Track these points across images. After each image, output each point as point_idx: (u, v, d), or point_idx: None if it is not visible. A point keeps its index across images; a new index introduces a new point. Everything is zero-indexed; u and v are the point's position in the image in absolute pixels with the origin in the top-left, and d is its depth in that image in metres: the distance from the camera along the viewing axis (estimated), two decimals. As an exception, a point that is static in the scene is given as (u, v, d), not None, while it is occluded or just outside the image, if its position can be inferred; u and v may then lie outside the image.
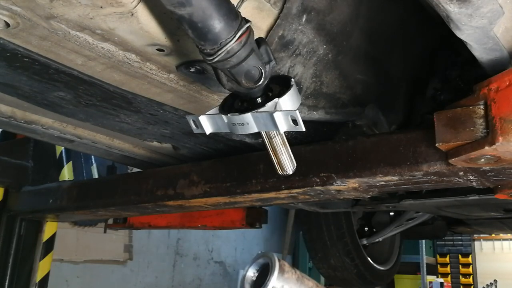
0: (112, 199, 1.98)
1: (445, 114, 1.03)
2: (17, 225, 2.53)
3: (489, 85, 0.95)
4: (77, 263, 4.72)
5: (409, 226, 3.46)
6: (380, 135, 1.40)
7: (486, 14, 0.82)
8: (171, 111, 1.43)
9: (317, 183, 1.37)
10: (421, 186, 1.30)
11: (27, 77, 1.24)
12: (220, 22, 0.77)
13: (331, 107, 1.40)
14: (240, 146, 1.67)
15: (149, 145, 1.86)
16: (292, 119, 0.88)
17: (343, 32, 1.19)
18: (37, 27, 0.97)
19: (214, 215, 2.75)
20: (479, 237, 9.69)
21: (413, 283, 8.63)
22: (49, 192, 2.30)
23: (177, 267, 6.13)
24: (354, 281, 3.37)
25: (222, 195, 1.60)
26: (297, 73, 1.20)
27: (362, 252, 3.34)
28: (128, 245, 5.37)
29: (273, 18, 1.03)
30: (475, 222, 3.67)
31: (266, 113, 0.90)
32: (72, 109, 1.48)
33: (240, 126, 0.93)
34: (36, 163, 2.67)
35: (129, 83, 1.25)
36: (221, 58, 0.82)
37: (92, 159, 3.52)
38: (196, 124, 1.00)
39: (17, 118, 1.63)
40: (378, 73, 1.48)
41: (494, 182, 1.22)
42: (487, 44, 0.94)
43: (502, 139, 0.90)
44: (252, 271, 0.88)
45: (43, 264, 2.62)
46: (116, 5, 0.87)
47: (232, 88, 0.92)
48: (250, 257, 6.00)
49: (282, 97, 0.93)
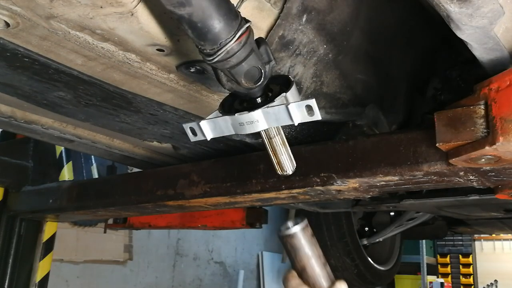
0: (112, 199, 1.97)
1: (445, 114, 1.03)
2: (17, 225, 2.53)
3: (489, 85, 0.95)
4: (77, 263, 4.72)
5: (410, 226, 3.46)
6: (380, 135, 1.39)
7: (487, 14, 0.82)
8: (171, 111, 1.43)
9: (317, 183, 1.37)
10: (421, 186, 1.30)
11: (27, 77, 1.24)
12: (220, 22, 0.77)
13: (331, 107, 1.40)
14: (240, 146, 1.67)
15: (149, 145, 1.86)
16: (307, 109, 0.87)
17: (344, 32, 1.19)
18: (37, 27, 0.97)
19: (214, 215, 2.74)
20: (479, 237, 9.68)
21: (414, 283, 8.63)
22: (49, 192, 2.30)
23: (177, 267, 6.13)
24: (354, 281, 3.37)
25: (222, 195, 1.60)
26: (298, 73, 1.19)
27: (362, 252, 3.34)
28: (128, 245, 5.36)
29: (273, 18, 1.03)
30: (475, 222, 3.67)
31: (279, 106, 0.90)
32: (72, 109, 1.48)
33: (248, 125, 0.93)
34: (36, 163, 2.67)
35: (129, 83, 1.25)
36: (221, 58, 0.82)
37: (92, 159, 3.52)
38: (194, 131, 0.99)
39: (17, 118, 1.63)
40: (379, 73, 1.47)
41: (494, 182, 1.22)
42: (488, 44, 0.94)
43: (502, 139, 0.90)
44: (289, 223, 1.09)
45: (43, 264, 2.62)
46: (116, 5, 0.87)
47: (232, 88, 0.92)
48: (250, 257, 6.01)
49: (289, 91, 0.93)
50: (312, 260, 1.03)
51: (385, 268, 3.74)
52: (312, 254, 1.03)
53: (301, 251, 1.02)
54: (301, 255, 1.03)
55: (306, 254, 1.03)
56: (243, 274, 7.01)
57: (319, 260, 1.04)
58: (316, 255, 1.04)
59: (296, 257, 1.03)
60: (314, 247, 1.04)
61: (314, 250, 1.04)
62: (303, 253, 1.03)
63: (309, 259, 1.03)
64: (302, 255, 1.03)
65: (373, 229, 3.72)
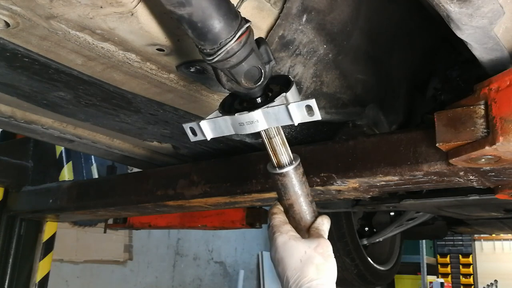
0: (112, 199, 1.97)
1: (445, 114, 1.03)
2: (17, 225, 2.53)
3: (489, 85, 0.95)
4: (77, 263, 4.72)
5: (410, 226, 3.46)
6: (380, 135, 1.39)
7: (487, 14, 0.82)
8: (171, 111, 1.43)
9: (317, 183, 1.37)
10: (421, 186, 1.30)
11: (27, 77, 1.24)
12: (220, 22, 0.77)
13: (331, 107, 1.40)
14: (240, 146, 1.67)
15: (149, 145, 1.86)
16: (307, 109, 0.88)
17: (344, 32, 1.19)
18: (37, 27, 0.97)
19: (214, 215, 2.74)
20: (479, 237, 9.68)
21: (414, 283, 8.63)
22: (49, 192, 2.30)
23: (177, 267, 6.13)
24: (354, 281, 3.36)
25: (222, 195, 1.60)
26: (297, 73, 1.19)
27: (362, 252, 3.34)
28: (128, 245, 5.36)
29: (273, 18, 1.03)
30: (475, 222, 3.66)
31: (279, 106, 0.90)
32: (72, 109, 1.48)
33: (248, 125, 0.93)
34: (36, 163, 2.67)
35: (129, 83, 1.25)
36: (221, 58, 0.82)
37: (92, 159, 3.52)
38: (194, 131, 0.99)
39: (17, 118, 1.63)
40: (379, 73, 1.47)
41: (494, 182, 1.22)
42: (488, 44, 0.94)
43: (502, 139, 0.90)
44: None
45: (43, 264, 2.62)
46: (116, 5, 0.87)
47: (232, 88, 0.92)
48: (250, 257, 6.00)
49: (289, 91, 0.93)
50: (301, 198, 1.04)
51: (385, 268, 3.74)
52: (301, 193, 1.04)
53: (291, 189, 1.03)
54: (290, 193, 1.03)
55: (296, 192, 1.03)
56: (243, 274, 7.01)
57: (307, 199, 1.05)
58: (305, 194, 1.05)
59: (286, 194, 1.04)
60: (304, 185, 1.04)
61: (303, 189, 1.04)
62: (293, 192, 1.03)
63: (298, 198, 1.04)
64: (291, 193, 1.03)
65: (373, 229, 3.71)
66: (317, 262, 0.99)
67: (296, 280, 0.98)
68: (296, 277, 0.98)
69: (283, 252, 1.02)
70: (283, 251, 1.02)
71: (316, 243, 1.02)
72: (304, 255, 1.00)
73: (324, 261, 1.00)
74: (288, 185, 1.03)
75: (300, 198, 1.05)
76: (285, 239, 1.03)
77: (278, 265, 1.03)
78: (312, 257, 0.99)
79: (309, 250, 1.00)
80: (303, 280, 0.97)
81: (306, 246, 1.01)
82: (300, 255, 1.00)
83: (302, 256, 1.00)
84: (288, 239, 1.03)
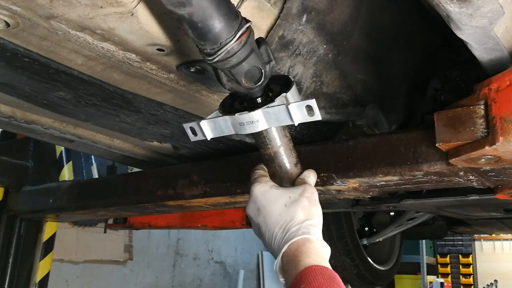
0: (112, 199, 1.97)
1: (445, 114, 1.03)
2: (17, 225, 2.53)
3: (489, 85, 0.95)
4: (77, 263, 4.72)
5: (410, 226, 3.46)
6: (380, 135, 1.39)
7: (487, 14, 0.82)
8: (171, 111, 1.43)
9: (317, 183, 1.37)
10: (421, 186, 1.30)
11: (27, 77, 1.24)
12: (220, 22, 0.77)
13: (331, 107, 1.40)
14: (240, 146, 1.67)
15: (149, 145, 1.86)
16: (307, 109, 0.87)
17: (343, 32, 1.19)
18: (37, 27, 0.97)
19: (214, 215, 2.74)
20: (479, 237, 9.68)
21: (413, 283, 8.63)
22: (49, 192, 2.30)
23: (177, 267, 6.13)
24: (354, 281, 3.36)
25: (222, 195, 1.60)
26: (297, 73, 1.20)
27: (362, 252, 3.33)
28: (128, 245, 5.37)
29: (273, 18, 1.03)
30: (475, 222, 3.66)
31: (279, 106, 0.90)
32: (72, 109, 1.48)
33: (248, 125, 0.93)
34: (36, 163, 2.67)
35: (129, 83, 1.25)
36: (221, 58, 0.82)
37: (92, 159, 3.52)
38: (194, 131, 0.99)
39: (17, 118, 1.63)
40: (379, 73, 1.47)
41: (494, 182, 1.22)
42: (488, 44, 0.94)
43: (502, 139, 0.90)
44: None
45: (43, 264, 2.62)
46: (116, 5, 0.87)
47: (232, 88, 0.92)
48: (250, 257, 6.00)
49: (289, 91, 0.93)
50: (282, 148, 1.02)
51: (385, 268, 3.74)
52: (286, 148, 1.02)
53: (271, 136, 1.00)
54: (271, 142, 1.01)
55: (279, 145, 1.01)
56: (243, 274, 7.01)
57: (290, 152, 1.03)
58: (287, 143, 1.02)
59: (268, 143, 1.01)
60: (285, 137, 1.03)
61: (284, 140, 1.02)
62: (276, 144, 1.01)
63: (279, 148, 1.01)
64: (274, 145, 1.01)
65: (373, 229, 3.71)
66: (303, 204, 0.92)
67: (283, 224, 0.89)
68: (283, 222, 0.89)
69: (263, 200, 0.94)
70: (263, 199, 0.94)
71: (302, 189, 0.95)
72: (289, 200, 0.92)
73: (310, 204, 0.92)
74: (272, 137, 1.00)
75: (281, 148, 1.01)
76: (266, 188, 0.96)
77: (258, 215, 0.94)
78: (299, 200, 0.92)
79: (294, 195, 0.93)
80: (291, 222, 0.89)
81: (291, 192, 0.94)
82: (284, 200, 0.92)
83: (287, 201, 0.92)
84: (269, 187, 0.96)
